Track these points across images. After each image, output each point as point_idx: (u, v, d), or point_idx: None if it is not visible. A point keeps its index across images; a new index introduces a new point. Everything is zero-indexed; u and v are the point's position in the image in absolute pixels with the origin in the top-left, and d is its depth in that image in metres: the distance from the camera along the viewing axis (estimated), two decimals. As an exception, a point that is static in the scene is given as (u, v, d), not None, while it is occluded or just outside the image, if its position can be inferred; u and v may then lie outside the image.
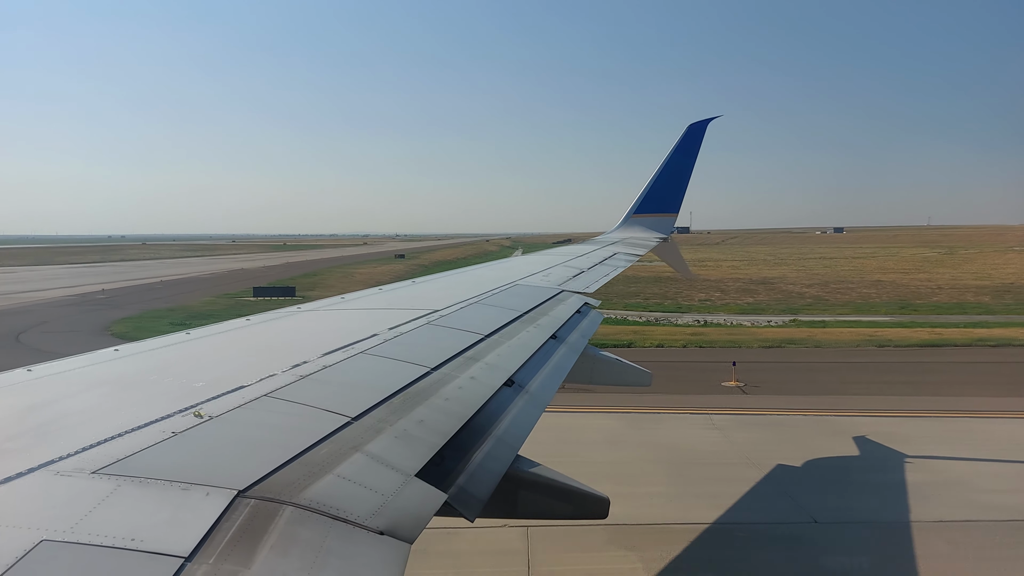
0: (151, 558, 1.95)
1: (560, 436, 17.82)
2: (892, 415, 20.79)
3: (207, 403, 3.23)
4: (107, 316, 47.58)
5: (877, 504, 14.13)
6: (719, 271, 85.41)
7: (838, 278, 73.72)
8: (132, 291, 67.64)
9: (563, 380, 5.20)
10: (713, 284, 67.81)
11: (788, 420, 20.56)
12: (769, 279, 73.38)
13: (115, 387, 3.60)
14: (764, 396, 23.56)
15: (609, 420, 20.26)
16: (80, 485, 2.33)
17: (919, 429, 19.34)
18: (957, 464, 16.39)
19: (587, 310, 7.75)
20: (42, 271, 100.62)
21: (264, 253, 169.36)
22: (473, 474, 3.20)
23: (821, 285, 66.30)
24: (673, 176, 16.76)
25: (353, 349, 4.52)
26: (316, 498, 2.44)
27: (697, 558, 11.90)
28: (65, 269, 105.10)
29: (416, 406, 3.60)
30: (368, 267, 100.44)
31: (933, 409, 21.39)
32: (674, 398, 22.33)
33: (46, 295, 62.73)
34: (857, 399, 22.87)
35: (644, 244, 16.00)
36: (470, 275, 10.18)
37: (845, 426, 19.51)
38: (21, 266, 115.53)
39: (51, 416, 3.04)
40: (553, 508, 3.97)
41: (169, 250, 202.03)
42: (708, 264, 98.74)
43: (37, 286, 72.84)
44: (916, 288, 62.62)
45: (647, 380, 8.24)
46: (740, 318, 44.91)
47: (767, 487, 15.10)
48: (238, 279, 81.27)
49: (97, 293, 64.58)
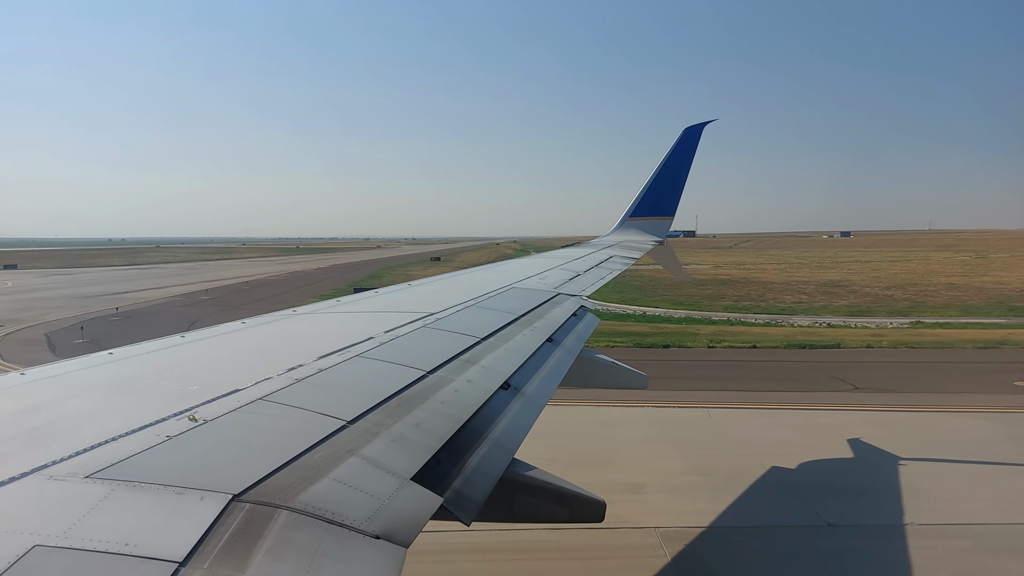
0: (145, 563, 1.94)
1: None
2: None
3: (202, 407, 3.21)
4: (234, 317, 47.47)
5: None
6: (770, 274, 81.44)
7: (904, 281, 69.47)
8: (227, 291, 66.54)
9: (559, 382, 5.20)
10: (782, 287, 64.52)
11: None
12: (837, 282, 69.47)
13: (109, 391, 3.58)
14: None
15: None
16: (74, 489, 2.31)
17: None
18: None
19: (583, 313, 7.75)
20: (103, 273, 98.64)
21: (288, 256, 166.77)
22: (469, 477, 3.19)
23: (899, 288, 62.87)
24: (669, 179, 16.80)
25: (349, 352, 4.51)
26: (311, 502, 2.43)
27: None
28: (123, 272, 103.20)
29: (412, 409, 3.59)
30: (419, 267, 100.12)
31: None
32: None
33: (148, 295, 61.90)
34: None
35: (640, 247, 16.03)
36: (466, 278, 10.17)
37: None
38: (71, 268, 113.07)
39: (45, 420, 3.02)
40: (549, 512, 3.97)
41: (187, 253, 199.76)
42: (748, 267, 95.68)
43: (129, 287, 71.97)
44: (995, 291, 58.90)
45: (643, 383, 8.27)
46: (856, 320, 42.89)
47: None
48: (316, 280, 79.81)
49: (200, 294, 64.03)
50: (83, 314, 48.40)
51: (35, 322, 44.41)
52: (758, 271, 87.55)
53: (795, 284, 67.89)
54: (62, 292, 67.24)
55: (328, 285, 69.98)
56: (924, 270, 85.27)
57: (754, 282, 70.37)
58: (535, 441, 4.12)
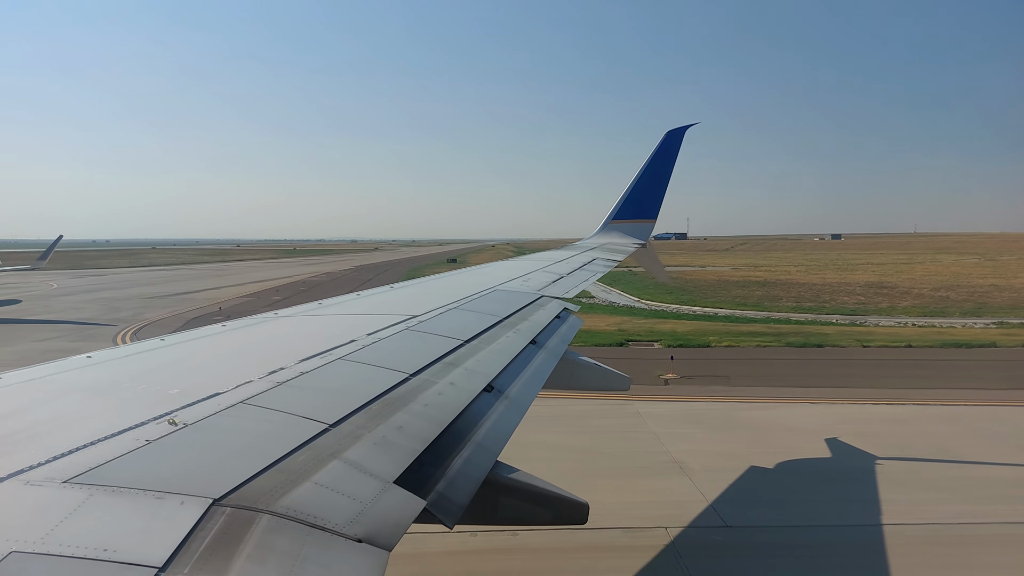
0: (124, 568, 1.92)
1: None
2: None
3: (182, 410, 3.18)
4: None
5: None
6: (796, 275, 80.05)
7: (946, 283, 67.46)
8: (291, 291, 64.90)
9: (543, 385, 5.21)
10: (830, 288, 62.92)
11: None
12: (878, 284, 67.57)
13: (87, 395, 3.53)
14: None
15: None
16: (51, 495, 2.28)
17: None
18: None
19: (566, 315, 7.78)
20: (131, 275, 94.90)
21: (300, 258, 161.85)
22: (452, 480, 3.19)
23: (947, 289, 61.39)
24: (651, 182, 16.91)
25: (331, 355, 4.49)
26: (293, 506, 2.42)
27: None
28: (150, 273, 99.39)
29: (395, 412, 3.59)
30: (444, 268, 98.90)
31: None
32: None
33: (211, 295, 60.13)
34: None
35: (623, 250, 16.12)
36: (448, 280, 10.17)
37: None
38: (82, 270, 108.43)
39: (21, 425, 2.98)
40: (533, 514, 3.98)
41: (187, 255, 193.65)
42: (768, 269, 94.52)
43: (183, 287, 69.88)
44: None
45: (625, 385, 8.32)
46: (936, 320, 41.90)
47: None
48: (365, 280, 78.11)
49: (269, 292, 62.57)
50: (177, 313, 46.59)
51: (143, 321, 42.75)
52: (782, 273, 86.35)
53: (837, 286, 66.22)
54: (124, 293, 64.42)
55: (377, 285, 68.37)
56: (951, 272, 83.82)
57: (793, 283, 69.03)
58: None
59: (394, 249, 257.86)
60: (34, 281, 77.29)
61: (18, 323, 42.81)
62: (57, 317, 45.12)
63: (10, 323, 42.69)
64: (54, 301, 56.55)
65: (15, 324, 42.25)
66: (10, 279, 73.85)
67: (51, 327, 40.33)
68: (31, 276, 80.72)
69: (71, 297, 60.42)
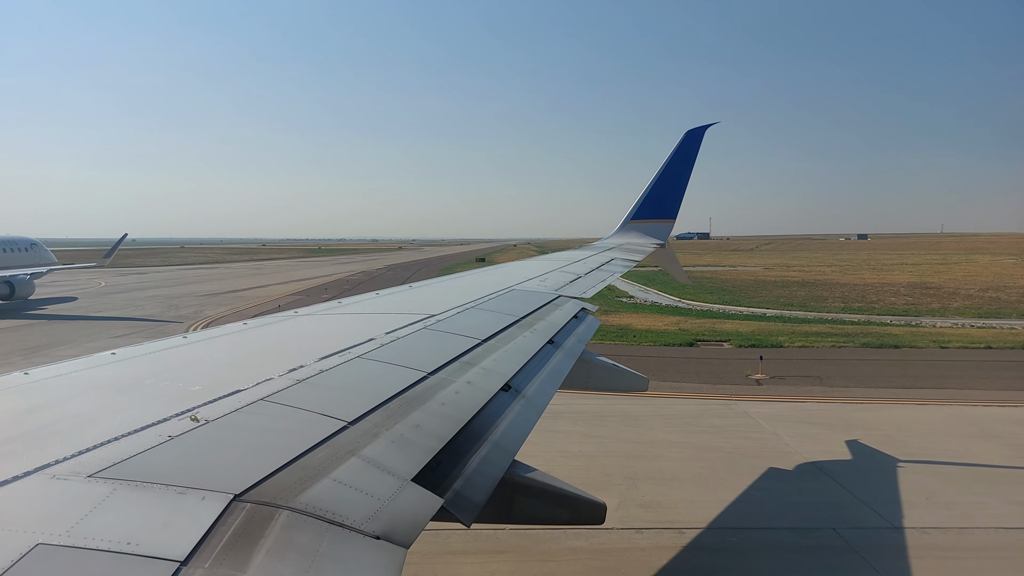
0: (147, 562, 1.96)
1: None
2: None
3: (203, 407, 3.23)
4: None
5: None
6: (832, 275, 78.07)
7: (990, 284, 65.41)
8: (333, 288, 64.24)
9: (560, 384, 5.21)
10: (874, 289, 61.41)
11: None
12: (921, 284, 65.52)
13: (112, 391, 3.59)
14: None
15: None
16: (76, 488, 2.33)
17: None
18: None
19: (584, 315, 7.76)
20: (170, 273, 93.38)
21: (330, 256, 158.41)
22: (469, 479, 3.20)
23: (995, 290, 59.40)
24: (670, 182, 16.81)
25: (350, 353, 4.52)
26: (312, 502, 2.44)
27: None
28: (189, 272, 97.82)
29: (413, 410, 3.61)
30: (474, 267, 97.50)
31: None
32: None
33: (260, 292, 59.83)
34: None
35: (641, 250, 16.05)
36: (467, 280, 10.19)
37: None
38: (119, 268, 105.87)
39: (47, 419, 3.04)
40: (549, 513, 3.98)
41: (216, 253, 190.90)
42: (802, 269, 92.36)
43: (232, 285, 69.21)
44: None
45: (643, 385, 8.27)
46: (994, 322, 40.45)
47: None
48: (395, 280, 77.14)
49: (318, 290, 62.09)
50: (236, 310, 46.40)
51: (207, 317, 42.48)
52: (817, 273, 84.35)
53: (879, 286, 64.41)
54: (176, 291, 63.67)
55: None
56: (992, 272, 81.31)
57: (834, 284, 67.34)
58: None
59: (418, 248, 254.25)
60: (80, 279, 77.34)
61: (85, 319, 42.57)
62: (120, 314, 45.12)
63: (77, 319, 42.59)
64: (109, 299, 56.55)
65: (83, 320, 42.04)
66: (58, 277, 74.49)
67: (122, 324, 40.13)
68: (76, 274, 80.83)
69: (125, 295, 60.30)
